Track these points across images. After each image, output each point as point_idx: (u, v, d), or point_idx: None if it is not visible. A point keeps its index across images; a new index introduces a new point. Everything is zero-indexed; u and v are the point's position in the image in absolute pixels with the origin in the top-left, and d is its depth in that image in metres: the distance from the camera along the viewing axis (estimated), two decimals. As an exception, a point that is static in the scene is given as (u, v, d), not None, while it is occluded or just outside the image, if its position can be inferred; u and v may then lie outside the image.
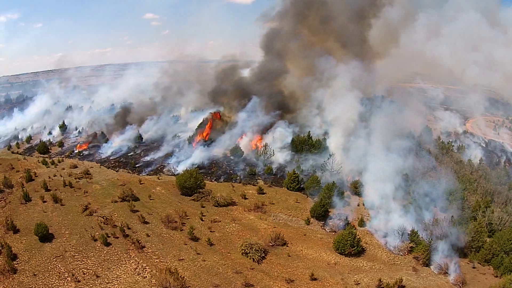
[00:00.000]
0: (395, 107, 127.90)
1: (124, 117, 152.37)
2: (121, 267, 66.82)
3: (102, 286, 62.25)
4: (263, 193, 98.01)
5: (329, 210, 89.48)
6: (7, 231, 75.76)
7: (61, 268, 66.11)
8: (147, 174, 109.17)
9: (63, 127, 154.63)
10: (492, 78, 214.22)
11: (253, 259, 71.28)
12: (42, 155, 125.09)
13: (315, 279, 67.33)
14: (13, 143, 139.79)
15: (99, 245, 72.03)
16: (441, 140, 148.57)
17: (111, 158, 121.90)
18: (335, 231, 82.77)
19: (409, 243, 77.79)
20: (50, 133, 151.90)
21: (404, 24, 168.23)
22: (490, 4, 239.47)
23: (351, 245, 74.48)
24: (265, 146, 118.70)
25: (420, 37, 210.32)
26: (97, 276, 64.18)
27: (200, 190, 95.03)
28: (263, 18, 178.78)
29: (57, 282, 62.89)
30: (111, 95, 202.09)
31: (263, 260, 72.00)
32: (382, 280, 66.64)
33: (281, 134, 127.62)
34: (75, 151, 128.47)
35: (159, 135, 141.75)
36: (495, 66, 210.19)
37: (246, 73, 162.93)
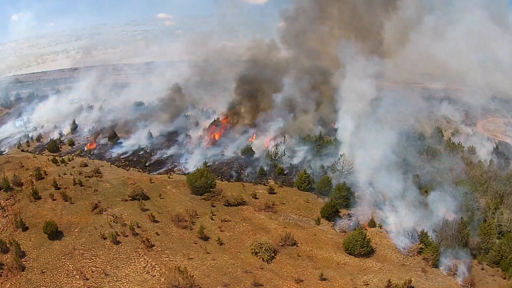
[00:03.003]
0: (400, 103, 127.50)
1: (173, 100, 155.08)
2: (130, 265, 67.11)
3: (111, 285, 62.58)
4: (274, 193, 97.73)
5: (340, 210, 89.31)
6: (16, 229, 76.39)
7: (69, 266, 66.57)
8: (158, 173, 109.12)
9: (73, 126, 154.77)
10: (498, 78, 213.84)
11: (262, 258, 71.49)
12: (52, 154, 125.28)
13: (325, 279, 67.34)
14: (23, 142, 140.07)
15: (108, 243, 72.30)
16: (451, 141, 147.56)
17: (121, 157, 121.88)
18: (345, 232, 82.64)
19: (419, 244, 77.43)
20: (60, 132, 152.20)
21: (413, 25, 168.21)
22: (500, 6, 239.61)
23: (361, 246, 74.40)
24: (276, 146, 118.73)
25: (427, 38, 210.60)
26: (106, 274, 64.63)
27: (211, 189, 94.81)
28: (283, 13, 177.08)
29: (65, 280, 63.41)
30: (133, 94, 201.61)
31: (273, 260, 72.17)
32: (391, 281, 66.60)
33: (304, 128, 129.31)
34: (85, 150, 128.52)
35: (171, 134, 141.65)
36: (501, 66, 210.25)
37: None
